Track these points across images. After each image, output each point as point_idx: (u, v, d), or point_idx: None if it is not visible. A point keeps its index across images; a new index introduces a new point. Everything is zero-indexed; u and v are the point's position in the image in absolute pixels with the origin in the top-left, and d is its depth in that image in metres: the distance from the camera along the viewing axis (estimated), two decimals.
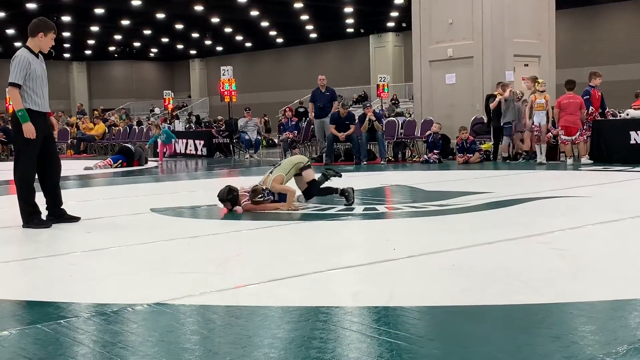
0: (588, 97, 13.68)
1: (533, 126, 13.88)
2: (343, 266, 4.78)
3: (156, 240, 6.08)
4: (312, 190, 8.36)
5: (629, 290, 3.95)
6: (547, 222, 6.40)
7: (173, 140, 20.83)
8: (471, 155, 14.65)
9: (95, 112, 33.67)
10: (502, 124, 14.74)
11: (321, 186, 8.42)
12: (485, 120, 15.75)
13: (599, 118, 13.96)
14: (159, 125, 21.69)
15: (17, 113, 6.85)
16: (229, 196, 7.72)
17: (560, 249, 5.13)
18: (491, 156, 15.11)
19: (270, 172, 8.14)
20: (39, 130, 6.90)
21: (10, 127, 24.96)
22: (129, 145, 18.40)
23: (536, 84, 13.95)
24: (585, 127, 13.51)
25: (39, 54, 7.11)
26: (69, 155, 25.03)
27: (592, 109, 13.68)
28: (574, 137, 13.31)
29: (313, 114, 17.21)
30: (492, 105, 14.77)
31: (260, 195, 7.83)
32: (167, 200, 8.72)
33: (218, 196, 7.79)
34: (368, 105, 17.15)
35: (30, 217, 7.01)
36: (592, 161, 13.23)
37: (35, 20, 7.20)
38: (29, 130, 6.81)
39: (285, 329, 3.40)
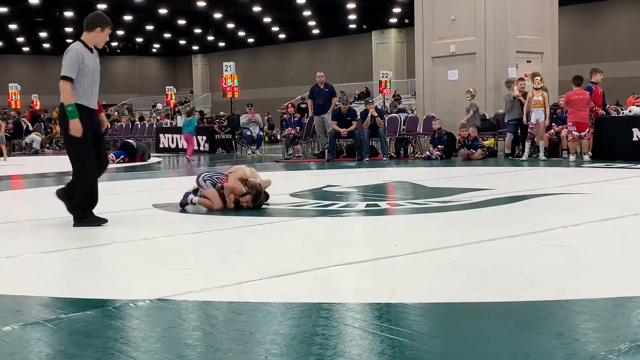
0: (591, 93, 13.65)
1: (529, 123, 13.87)
2: (345, 262, 4.78)
3: (158, 236, 6.08)
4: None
5: (632, 288, 3.95)
6: (549, 219, 6.39)
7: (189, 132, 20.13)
8: (474, 151, 14.64)
9: None
10: (506, 121, 14.73)
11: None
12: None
13: (601, 115, 13.93)
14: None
15: (67, 108, 6.47)
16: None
17: (562, 246, 5.12)
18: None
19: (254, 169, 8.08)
20: (87, 127, 6.57)
21: (21, 122, 25.04)
22: (131, 141, 18.39)
23: (533, 81, 13.92)
24: (589, 123, 13.53)
25: (94, 49, 6.84)
26: None
27: (594, 105, 13.65)
28: (584, 133, 13.29)
29: (312, 110, 17.23)
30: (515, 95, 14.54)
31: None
32: (169, 196, 8.72)
33: (257, 202, 7.59)
34: (370, 101, 17.14)
35: (83, 215, 6.72)
36: (590, 158, 13.21)
37: (92, 14, 6.91)
38: (76, 128, 6.43)
39: (287, 325, 3.41)
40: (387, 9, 38.10)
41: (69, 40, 48.44)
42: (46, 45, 50.39)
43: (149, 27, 44.48)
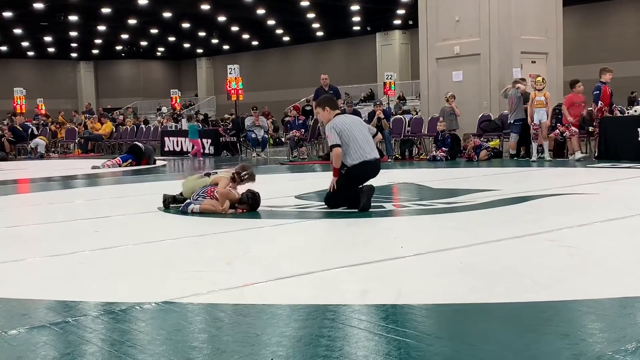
0: (598, 92, 13.63)
1: (533, 124, 13.86)
2: (351, 264, 4.77)
3: (164, 239, 6.09)
4: None
5: (638, 288, 3.94)
6: (555, 220, 6.38)
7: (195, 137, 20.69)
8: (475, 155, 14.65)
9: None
10: (511, 121, 14.72)
11: None
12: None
13: (608, 114, 13.91)
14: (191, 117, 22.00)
15: None
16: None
17: (568, 247, 5.11)
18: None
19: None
20: None
21: (17, 127, 25.10)
22: (139, 144, 18.40)
23: (535, 82, 13.92)
24: (595, 123, 13.55)
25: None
26: (77, 155, 25.11)
27: (601, 104, 13.63)
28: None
29: None
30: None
31: None
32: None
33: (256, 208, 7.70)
34: (378, 103, 17.15)
35: None
36: (582, 158, 13.35)
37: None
38: None
39: (293, 327, 3.40)
40: (391, 10, 38.10)
41: (73, 45, 48.71)
42: (51, 50, 50.54)
43: (154, 31, 44.57)
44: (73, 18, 37.26)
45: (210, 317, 3.67)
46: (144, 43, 50.74)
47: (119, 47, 51.95)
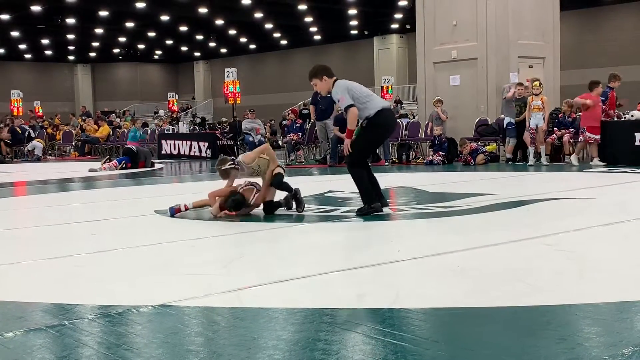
0: (604, 98, 13.67)
1: (530, 128, 13.89)
2: (347, 268, 4.77)
3: (160, 242, 6.08)
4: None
5: (635, 292, 3.94)
6: (552, 224, 6.38)
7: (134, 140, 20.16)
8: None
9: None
10: (505, 126, 14.74)
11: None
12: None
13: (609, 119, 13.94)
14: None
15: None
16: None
17: (565, 251, 5.11)
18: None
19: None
20: None
21: (17, 129, 25.11)
22: (131, 147, 18.40)
23: (532, 86, 13.94)
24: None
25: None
26: (74, 157, 25.08)
27: (604, 107, 13.67)
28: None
29: (314, 116, 17.25)
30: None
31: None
32: (171, 202, 8.71)
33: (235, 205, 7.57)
34: None
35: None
36: (577, 164, 13.34)
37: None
38: None
39: (289, 331, 3.40)
40: (388, 14, 38.16)
41: (70, 47, 48.69)
42: (48, 52, 50.51)
43: (151, 34, 44.58)
44: (70, 21, 37.25)
45: (207, 321, 3.67)
46: (141, 46, 50.73)
47: (116, 50, 51.94)
